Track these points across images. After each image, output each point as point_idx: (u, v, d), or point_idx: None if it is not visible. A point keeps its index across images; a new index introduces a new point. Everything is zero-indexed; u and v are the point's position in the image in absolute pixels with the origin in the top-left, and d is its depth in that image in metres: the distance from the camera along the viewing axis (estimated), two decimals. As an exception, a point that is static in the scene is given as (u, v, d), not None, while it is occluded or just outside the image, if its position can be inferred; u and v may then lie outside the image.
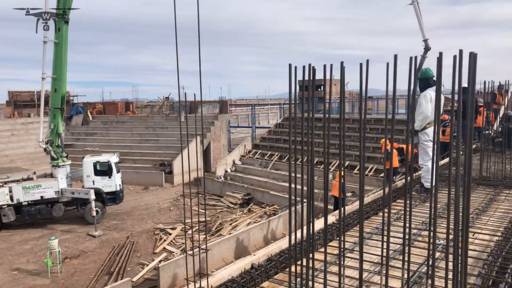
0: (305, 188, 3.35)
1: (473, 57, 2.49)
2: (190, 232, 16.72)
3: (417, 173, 7.32)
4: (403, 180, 7.24)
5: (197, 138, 28.81)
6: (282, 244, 4.19)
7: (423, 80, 6.17)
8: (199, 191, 24.22)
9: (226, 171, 26.57)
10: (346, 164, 23.22)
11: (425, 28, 14.48)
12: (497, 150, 9.85)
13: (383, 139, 14.44)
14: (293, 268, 3.83)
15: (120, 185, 18.54)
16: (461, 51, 2.51)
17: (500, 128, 10.78)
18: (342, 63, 3.14)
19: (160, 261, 13.56)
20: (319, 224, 4.75)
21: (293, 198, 3.25)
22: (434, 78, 5.95)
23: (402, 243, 3.17)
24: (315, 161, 25.12)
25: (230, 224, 17.34)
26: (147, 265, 13.43)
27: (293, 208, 3.26)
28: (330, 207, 17.34)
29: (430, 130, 6.20)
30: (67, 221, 18.13)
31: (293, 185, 3.23)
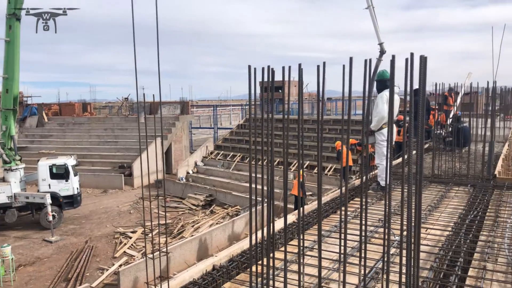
0: (265, 188, 3.40)
1: (423, 60, 2.61)
2: (151, 235, 16.47)
3: (373, 172, 7.56)
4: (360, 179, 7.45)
5: (156, 139, 28.41)
6: (244, 244, 4.22)
7: (380, 82, 6.39)
8: (160, 193, 23.91)
9: (188, 173, 26.33)
10: (306, 164, 23.57)
11: (380, 32, 14.93)
12: (448, 149, 10.31)
13: (339, 141, 14.79)
14: (254, 268, 3.87)
15: (77, 188, 17.99)
16: (412, 54, 2.63)
17: (450, 128, 11.29)
18: (300, 65, 3.21)
19: (120, 265, 13.28)
20: (279, 223, 4.82)
21: (254, 198, 3.29)
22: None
23: (359, 241, 3.28)
24: (276, 162, 25.35)
25: (192, 226, 17.22)
26: (107, 269, 13.11)
27: (253, 209, 3.30)
28: (291, 206, 17.58)
29: (386, 130, 6.42)
30: (21, 227, 17.39)
31: (253, 186, 3.27)
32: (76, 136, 31.44)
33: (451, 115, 11.97)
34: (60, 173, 17.62)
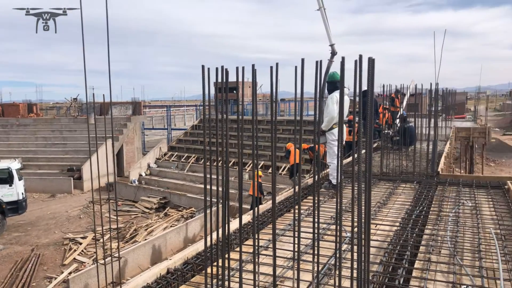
0: (221, 189, 3.41)
1: (371, 62, 2.71)
2: (102, 240, 15.97)
3: (325, 171, 7.74)
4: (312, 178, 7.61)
5: (107, 141, 27.58)
6: (199, 246, 4.20)
7: (331, 83, 6.56)
8: (112, 196, 23.24)
9: (140, 175, 25.78)
10: (260, 164, 23.75)
11: (331, 34, 15.26)
12: (395, 148, 10.76)
13: (289, 143, 15.04)
14: (209, 270, 3.87)
15: (22, 193, 17.13)
16: (360, 56, 2.72)
17: (397, 128, 11.76)
18: (253, 66, 3.24)
19: (70, 273, 12.78)
20: (235, 224, 4.84)
21: (209, 199, 3.29)
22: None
23: (312, 238, 3.35)
24: (231, 162, 25.37)
25: (146, 229, 16.88)
26: (55, 278, 12.59)
27: (208, 210, 3.30)
28: (247, 206, 17.65)
29: (336, 130, 6.60)
30: (-40, 236, 16.36)
31: (208, 187, 3.26)
32: (21, 139, 29.94)
33: (398, 116, 12.48)
34: (3, 178, 16.69)
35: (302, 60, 3.15)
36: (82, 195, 23.81)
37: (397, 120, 12.27)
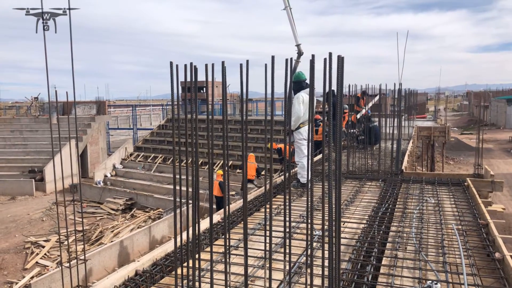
0: (190, 190, 3.37)
1: (341, 60, 2.73)
2: (66, 243, 15.49)
3: (293, 170, 7.81)
4: (282, 177, 7.66)
5: (71, 141, 26.79)
6: (168, 247, 4.14)
7: (296, 83, 6.63)
8: (76, 198, 22.59)
9: (105, 176, 25.19)
10: (229, 164, 23.71)
11: (297, 34, 15.40)
12: (361, 147, 10.98)
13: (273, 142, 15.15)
14: (179, 271, 3.82)
15: (-20, 196, 16.40)
16: (330, 54, 2.75)
17: (362, 127, 12.00)
18: (223, 63, 3.22)
19: (32, 277, 12.34)
20: (204, 224, 4.80)
21: (178, 200, 3.25)
22: (307, 81, 6.43)
23: (283, 237, 3.37)
24: (199, 162, 25.17)
25: (112, 231, 16.51)
26: (17, 283, 12.11)
27: (178, 210, 3.26)
28: (214, 207, 17.58)
29: (303, 130, 6.67)
30: None
31: (177, 187, 3.22)
32: (-23, 139, 28.64)
33: (358, 116, 12.72)
34: (-42, 180, 15.94)
35: (272, 57, 3.14)
36: (44, 197, 23.02)
37: (360, 120, 12.51)
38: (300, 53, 15.23)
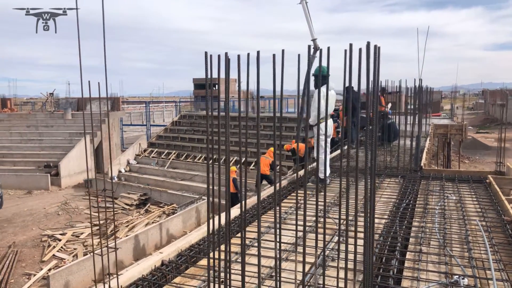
0: (212, 187, 3.39)
1: (377, 50, 2.64)
2: (83, 236, 15.69)
3: (311, 165, 7.79)
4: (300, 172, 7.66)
5: (86, 137, 27.05)
6: (192, 238, 4.18)
7: (318, 78, 6.56)
8: (91, 193, 22.83)
9: (120, 172, 25.42)
10: (242, 161, 23.74)
11: (314, 29, 15.23)
12: (378, 144, 10.89)
13: (287, 144, 15.03)
14: (205, 261, 3.85)
15: (-2, 189, 16.69)
16: (368, 43, 2.60)
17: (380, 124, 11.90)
18: (258, 52, 3.14)
19: (49, 270, 12.53)
20: (232, 212, 4.82)
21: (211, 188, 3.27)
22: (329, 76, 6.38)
23: (315, 221, 3.37)
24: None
25: (127, 226, 16.67)
26: (35, 275, 12.31)
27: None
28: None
29: (322, 125, 6.65)
30: None
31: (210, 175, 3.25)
32: (-5, 134, 29.12)
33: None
34: (-23, 174, 16.23)
35: (282, 51, 3.00)
36: (59, 192, 23.33)
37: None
38: (316, 48, 15.07)
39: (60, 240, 15.23)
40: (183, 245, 4.02)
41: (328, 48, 2.98)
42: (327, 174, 6.80)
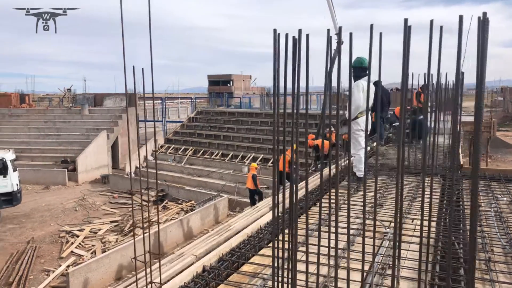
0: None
1: (485, 19, 2.04)
2: (101, 232, 15.53)
3: (345, 163, 7.41)
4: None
5: (101, 133, 27.01)
6: (232, 242, 3.85)
7: (357, 70, 6.16)
8: (108, 188, 22.76)
9: (136, 167, 25.29)
10: (260, 157, 23.41)
11: (337, 22, 14.87)
12: (406, 141, 10.43)
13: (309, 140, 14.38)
14: (248, 268, 3.51)
15: (17, 184, 16.62)
16: (461, 17, 2.20)
17: (408, 120, 11.40)
18: (300, 31, 2.78)
19: (68, 266, 12.38)
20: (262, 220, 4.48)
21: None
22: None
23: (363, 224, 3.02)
24: (230, 155, 24.99)
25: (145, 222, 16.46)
26: (53, 271, 12.17)
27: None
28: (246, 200, 17.30)
29: (361, 120, 6.26)
30: (-48, 228, 15.82)
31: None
32: (13, 129, 29.24)
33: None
34: (-3, 168, 16.18)
35: (307, 36, 2.60)
36: (77, 187, 23.31)
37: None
38: (340, 42, 14.67)
39: (78, 236, 15.10)
40: (223, 249, 3.69)
41: (351, 34, 2.60)
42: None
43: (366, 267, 3.38)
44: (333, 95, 3.18)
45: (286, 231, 2.81)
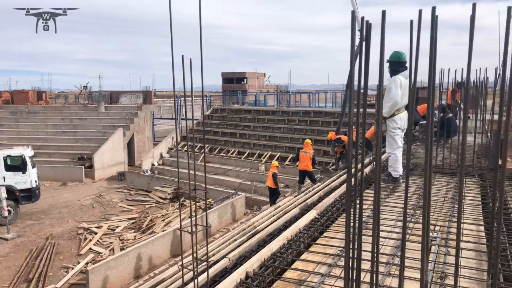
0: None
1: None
2: (118, 229, 15.44)
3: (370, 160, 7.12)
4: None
5: (118, 130, 27.02)
6: (273, 246, 3.61)
7: (394, 64, 5.88)
8: (124, 185, 22.70)
9: (153, 165, 25.27)
10: (277, 156, 23.12)
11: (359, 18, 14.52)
12: (434, 140, 10.08)
13: (331, 132, 14.01)
14: (291, 274, 3.26)
15: (36, 181, 16.61)
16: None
17: (436, 119, 11.03)
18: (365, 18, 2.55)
19: (87, 263, 12.30)
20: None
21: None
22: (407, 64, 5.66)
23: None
24: (246, 153, 24.76)
25: (163, 220, 16.34)
26: (72, 268, 12.09)
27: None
28: (266, 199, 17.06)
29: (398, 117, 5.95)
30: (-28, 224, 15.88)
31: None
32: (31, 126, 29.43)
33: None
34: (16, 165, 16.17)
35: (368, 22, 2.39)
36: (93, 184, 23.33)
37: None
38: (362, 39, 14.29)
39: (96, 233, 15.03)
40: (265, 253, 3.45)
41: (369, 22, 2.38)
42: (401, 173, 6.11)
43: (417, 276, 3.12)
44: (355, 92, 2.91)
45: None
